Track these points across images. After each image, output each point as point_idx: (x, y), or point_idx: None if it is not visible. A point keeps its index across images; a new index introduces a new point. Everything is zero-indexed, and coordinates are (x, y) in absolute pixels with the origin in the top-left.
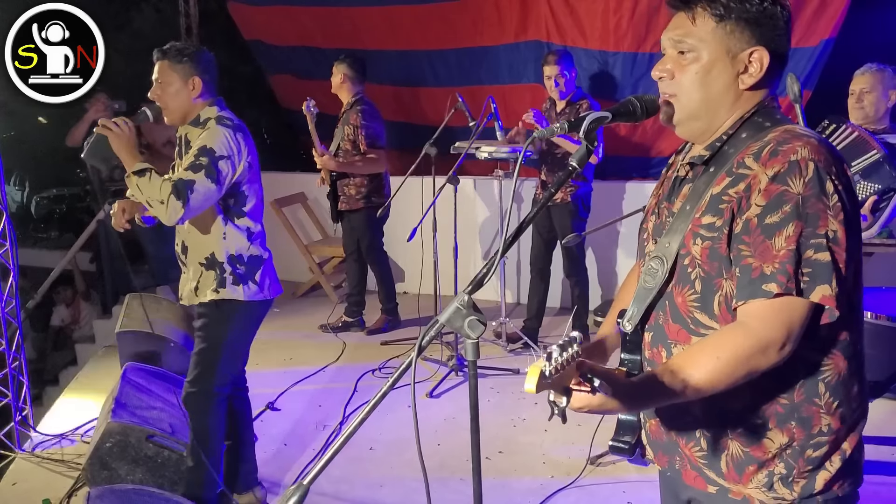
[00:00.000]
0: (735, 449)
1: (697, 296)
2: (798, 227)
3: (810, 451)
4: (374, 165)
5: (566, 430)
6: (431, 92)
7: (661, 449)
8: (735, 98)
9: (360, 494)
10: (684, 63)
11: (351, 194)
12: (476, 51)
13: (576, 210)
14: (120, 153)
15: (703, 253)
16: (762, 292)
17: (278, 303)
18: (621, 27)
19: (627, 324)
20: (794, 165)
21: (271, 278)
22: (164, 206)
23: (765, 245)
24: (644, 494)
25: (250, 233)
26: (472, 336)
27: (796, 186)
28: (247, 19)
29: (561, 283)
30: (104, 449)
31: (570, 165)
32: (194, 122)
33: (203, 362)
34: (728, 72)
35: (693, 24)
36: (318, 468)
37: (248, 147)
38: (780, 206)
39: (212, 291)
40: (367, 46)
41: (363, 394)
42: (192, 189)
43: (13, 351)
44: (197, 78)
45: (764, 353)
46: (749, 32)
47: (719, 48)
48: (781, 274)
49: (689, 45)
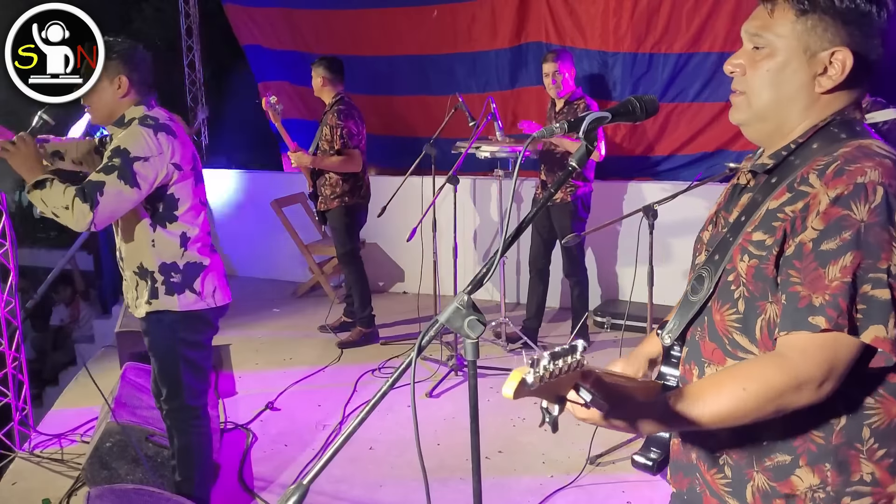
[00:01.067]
0: (761, 481)
1: (739, 316)
2: (857, 257)
3: (847, 499)
4: (349, 164)
5: (566, 430)
6: (424, 101)
7: (681, 470)
8: (809, 102)
9: (360, 494)
10: (757, 59)
11: (326, 194)
12: (474, 56)
13: (575, 210)
14: (20, 171)
15: (749, 271)
16: (807, 325)
17: (278, 303)
18: (621, 28)
19: (667, 337)
20: (861, 189)
21: (218, 285)
22: (70, 212)
23: (817, 273)
24: (644, 494)
25: (185, 238)
26: (471, 336)
27: (859, 212)
28: (241, 21)
29: (560, 282)
30: (104, 449)
31: (569, 165)
32: (118, 123)
33: (166, 380)
34: (804, 72)
35: (771, 17)
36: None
37: (177, 148)
38: (839, 232)
39: (145, 304)
40: (362, 52)
41: (363, 394)
42: (101, 191)
43: (13, 351)
44: (124, 77)
45: (798, 391)
46: (833, 30)
47: (797, 45)
48: (832, 308)
49: (764, 40)
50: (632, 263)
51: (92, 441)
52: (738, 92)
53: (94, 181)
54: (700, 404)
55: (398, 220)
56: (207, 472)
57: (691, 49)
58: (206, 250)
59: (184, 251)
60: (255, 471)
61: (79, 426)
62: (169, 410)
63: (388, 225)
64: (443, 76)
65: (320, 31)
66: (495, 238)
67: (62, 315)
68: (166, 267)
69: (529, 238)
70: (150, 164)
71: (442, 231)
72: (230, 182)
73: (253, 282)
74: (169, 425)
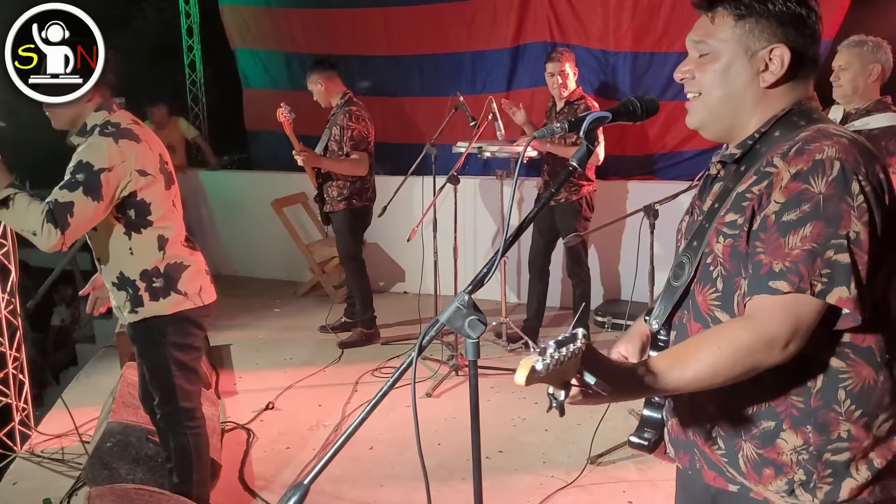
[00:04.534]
0: (749, 451)
1: (719, 294)
2: (817, 227)
3: (828, 454)
4: (356, 168)
5: (566, 430)
6: (423, 102)
7: (681, 448)
8: (757, 98)
9: (361, 494)
10: (703, 63)
11: (333, 196)
12: (472, 56)
13: (580, 209)
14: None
15: (725, 251)
16: (769, 289)
17: (279, 303)
18: (622, 27)
19: (654, 322)
20: (819, 164)
21: (203, 283)
22: (39, 237)
23: (777, 242)
24: (644, 494)
25: (163, 240)
26: (472, 336)
27: (818, 186)
28: (235, 23)
29: (561, 282)
30: (104, 448)
31: (570, 165)
32: (81, 132)
33: (159, 384)
34: (747, 70)
35: (712, 24)
36: (318, 467)
37: (141, 153)
38: (798, 204)
39: (130, 313)
40: (358, 52)
41: (363, 393)
42: (70, 212)
43: (13, 351)
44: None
45: (767, 349)
46: (770, 31)
47: (737, 47)
48: (793, 273)
49: (708, 46)
50: (633, 263)
51: (92, 441)
52: (692, 95)
53: (61, 202)
54: (681, 367)
55: (399, 220)
56: (205, 473)
57: None
58: (187, 251)
59: (164, 253)
60: (256, 470)
61: (79, 426)
62: (163, 414)
63: (388, 225)
64: (442, 76)
65: (318, 31)
66: (496, 238)
67: (62, 315)
68: (147, 274)
69: (530, 238)
70: (113, 174)
71: (442, 231)
72: (230, 182)
73: (253, 282)
74: (163, 428)
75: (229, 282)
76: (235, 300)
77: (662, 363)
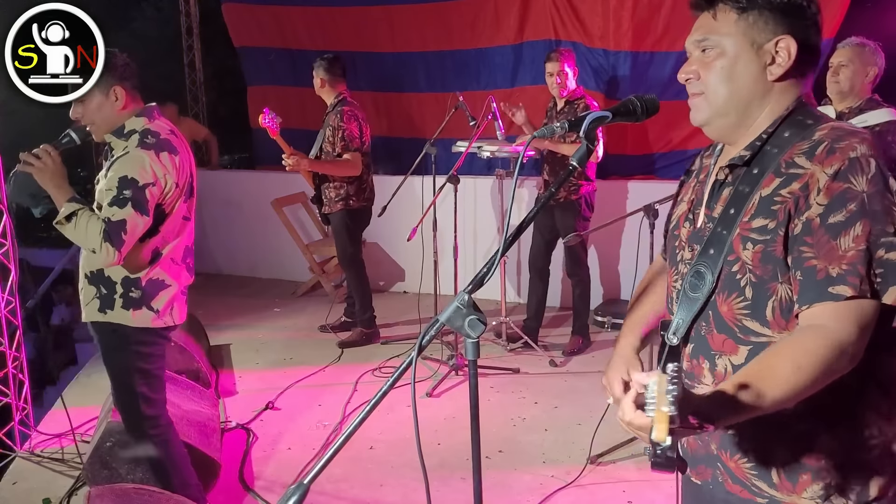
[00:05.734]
0: (784, 457)
1: (748, 302)
2: (866, 225)
3: (861, 453)
4: (348, 168)
5: (566, 430)
6: (425, 98)
7: (702, 463)
8: (765, 91)
9: (361, 493)
10: (708, 60)
11: (331, 196)
12: (472, 53)
13: (580, 209)
14: (47, 188)
15: (755, 257)
16: (830, 295)
17: (279, 303)
18: (622, 26)
19: (673, 336)
20: (855, 162)
21: (177, 304)
22: (98, 254)
23: (830, 245)
24: (644, 494)
25: (157, 254)
26: (472, 335)
27: (860, 184)
28: (239, 22)
29: (560, 282)
30: (104, 448)
31: (570, 164)
32: (118, 133)
33: (120, 390)
34: (754, 63)
35: (715, 20)
36: (318, 467)
37: (177, 165)
38: (844, 204)
39: (97, 311)
40: (361, 49)
41: (363, 393)
42: (124, 230)
43: (13, 350)
44: (119, 87)
45: (841, 357)
46: (774, 22)
47: (743, 40)
48: (853, 275)
49: (712, 42)
50: (633, 263)
51: (92, 440)
52: (695, 94)
53: (114, 220)
54: (761, 392)
55: (398, 220)
56: (185, 475)
57: None
58: (172, 270)
59: (149, 267)
60: (256, 470)
61: (79, 426)
62: (126, 422)
63: (388, 224)
64: (447, 73)
65: (321, 28)
66: (496, 238)
67: (62, 314)
68: (129, 281)
69: (530, 237)
70: (157, 188)
71: (442, 231)
72: (230, 182)
73: (253, 282)
74: (130, 437)
75: (229, 281)
76: (235, 300)
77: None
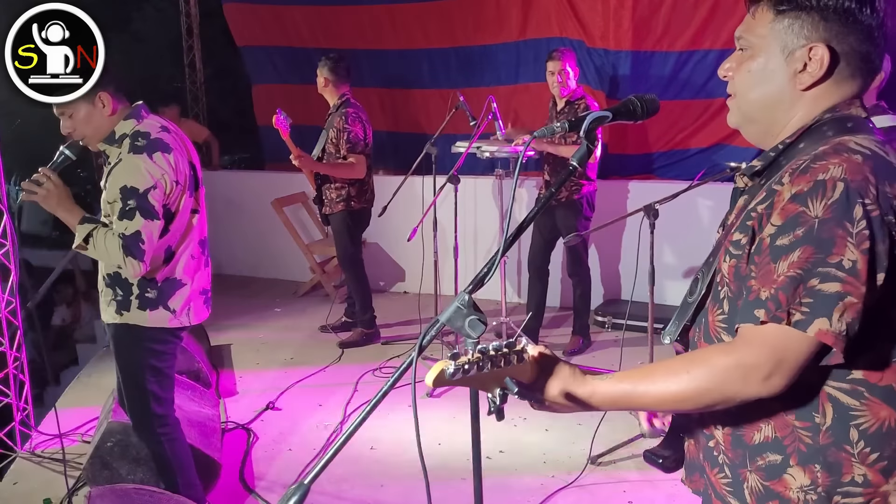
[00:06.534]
0: (754, 482)
1: (725, 316)
2: (806, 252)
3: (838, 497)
4: (352, 171)
5: (567, 430)
6: (427, 94)
7: (697, 471)
8: (793, 100)
9: (361, 493)
10: (742, 60)
11: (332, 197)
12: (475, 50)
13: (581, 209)
14: (56, 213)
15: (730, 271)
16: (752, 317)
17: (279, 303)
18: (623, 25)
19: (666, 337)
20: (819, 185)
21: (194, 304)
22: (125, 269)
23: (768, 268)
24: (644, 494)
25: (170, 252)
26: (472, 335)
27: (814, 209)
28: (240, 21)
29: (560, 282)
30: (105, 448)
31: (570, 164)
32: (109, 140)
33: (130, 388)
34: (783, 70)
35: (753, 19)
36: (318, 467)
37: (174, 161)
38: (793, 228)
39: (115, 313)
40: (364, 46)
41: (364, 393)
42: (141, 240)
43: (13, 351)
44: (103, 93)
45: (743, 380)
46: (811, 27)
47: (775, 44)
48: (772, 301)
49: (747, 42)
50: (633, 263)
51: (93, 441)
52: (730, 95)
53: (129, 234)
54: (646, 383)
55: (399, 220)
56: (190, 475)
57: (692, 47)
58: (189, 267)
59: (164, 266)
60: (256, 470)
61: (79, 426)
62: (134, 420)
63: (388, 225)
64: (449, 69)
65: (324, 26)
66: (496, 238)
67: (63, 315)
68: (144, 281)
69: (530, 238)
70: (159, 189)
71: (443, 231)
72: (230, 182)
73: (253, 282)
74: (137, 435)
75: (229, 282)
76: (235, 300)
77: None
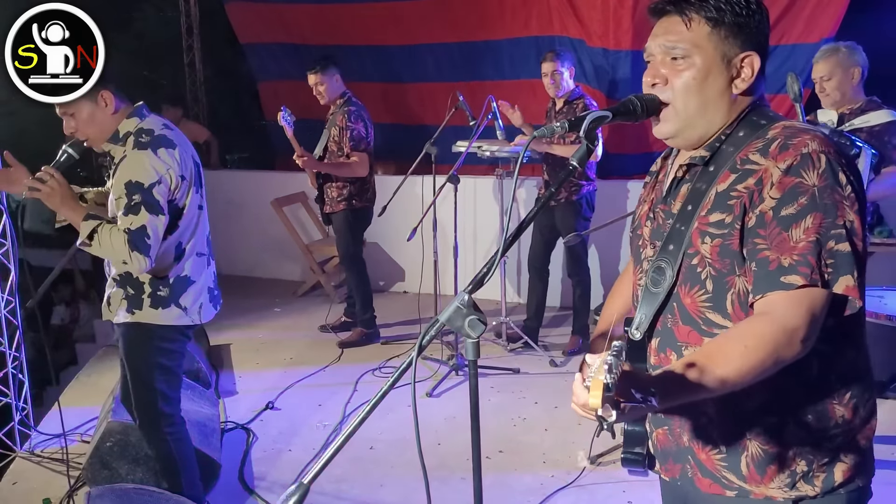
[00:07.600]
0: (754, 449)
1: (709, 295)
2: (817, 218)
3: (826, 443)
4: (356, 169)
5: (566, 430)
6: (429, 88)
7: (671, 458)
8: (728, 104)
9: (361, 493)
10: (679, 69)
11: (333, 196)
12: (478, 45)
13: (580, 209)
14: (59, 211)
15: (714, 251)
16: (781, 284)
17: (279, 303)
18: (622, 25)
19: (636, 332)
20: (807, 157)
21: (205, 301)
22: (130, 265)
23: (781, 237)
24: (644, 494)
25: (180, 249)
26: (472, 335)
27: (811, 178)
28: (243, 19)
29: (560, 282)
30: (105, 448)
31: (570, 164)
32: (114, 139)
33: (139, 386)
34: (722, 77)
35: (688, 29)
36: (318, 467)
37: (178, 158)
38: (795, 197)
39: (126, 312)
40: (366, 42)
41: (363, 393)
42: (146, 235)
43: (13, 350)
44: (105, 91)
45: (790, 343)
46: (742, 37)
47: (714, 53)
48: (804, 265)
49: (683, 51)
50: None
51: (92, 440)
52: (665, 105)
53: (134, 229)
54: (707, 370)
55: (399, 220)
56: (193, 475)
57: None
58: (198, 263)
59: (175, 264)
60: (256, 470)
61: (79, 426)
62: (142, 419)
63: (388, 224)
64: (454, 63)
65: (326, 24)
66: (496, 238)
67: (62, 315)
68: (156, 280)
69: (530, 238)
70: (164, 184)
71: (442, 230)
72: (230, 182)
73: (253, 282)
74: (143, 434)
75: (229, 282)
76: (235, 300)
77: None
